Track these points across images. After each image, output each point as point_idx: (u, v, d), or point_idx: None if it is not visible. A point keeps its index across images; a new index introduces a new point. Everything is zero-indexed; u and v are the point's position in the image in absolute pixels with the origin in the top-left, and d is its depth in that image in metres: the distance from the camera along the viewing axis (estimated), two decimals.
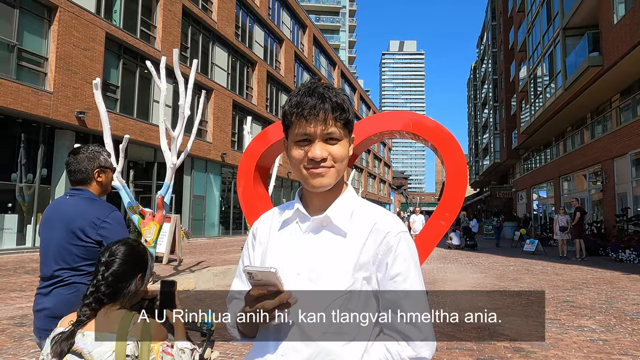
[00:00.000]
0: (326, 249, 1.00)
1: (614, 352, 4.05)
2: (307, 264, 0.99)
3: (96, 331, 1.39)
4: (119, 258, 1.50)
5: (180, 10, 19.18)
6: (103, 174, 2.02)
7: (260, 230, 1.13)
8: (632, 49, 13.26)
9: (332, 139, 0.99)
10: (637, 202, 14.09)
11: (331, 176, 1.00)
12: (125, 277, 1.49)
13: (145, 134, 16.63)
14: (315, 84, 1.02)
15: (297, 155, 1.00)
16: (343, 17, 75.52)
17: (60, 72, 13.19)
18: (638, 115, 13.93)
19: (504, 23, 35.57)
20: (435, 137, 5.55)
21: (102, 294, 1.44)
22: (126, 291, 1.48)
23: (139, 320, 1.40)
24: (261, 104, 26.38)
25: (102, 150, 2.07)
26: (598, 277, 9.30)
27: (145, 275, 1.57)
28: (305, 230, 1.04)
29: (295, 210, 1.07)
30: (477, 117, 56.54)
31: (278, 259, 1.03)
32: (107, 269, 1.47)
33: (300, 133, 0.99)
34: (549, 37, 21.03)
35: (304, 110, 0.97)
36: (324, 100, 0.98)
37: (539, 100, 23.25)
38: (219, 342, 4.33)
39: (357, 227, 1.02)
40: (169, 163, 8.30)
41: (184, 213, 19.13)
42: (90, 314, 1.42)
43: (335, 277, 0.96)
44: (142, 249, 1.60)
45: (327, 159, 0.98)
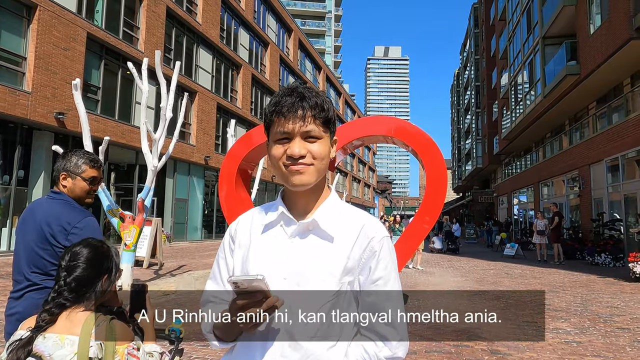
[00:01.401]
0: (314, 254, 1.00)
1: (587, 354, 4.15)
2: (293, 268, 0.99)
3: (57, 334, 1.34)
4: (82, 262, 1.44)
5: (164, 11, 19.01)
6: (69, 178, 1.90)
7: (240, 232, 1.10)
8: (607, 58, 13.67)
9: (311, 137, 0.99)
10: (612, 207, 14.49)
11: (311, 174, 0.99)
12: (90, 281, 1.44)
13: (126, 136, 16.39)
14: (296, 85, 1.03)
15: (277, 154, 1.00)
16: (329, 22, 75.93)
17: (39, 72, 12.92)
18: (613, 122, 14.36)
19: (486, 31, 36.28)
20: (416, 142, 5.60)
21: (65, 299, 1.39)
22: (90, 294, 1.43)
23: (103, 322, 1.36)
24: (246, 107, 26.29)
25: (83, 155, 1.95)
26: (574, 280, 9.53)
27: (112, 275, 1.52)
28: (291, 234, 1.02)
29: (280, 213, 1.05)
30: (460, 122, 57.40)
31: (263, 263, 1.01)
32: (70, 274, 1.42)
33: (279, 131, 0.99)
34: (529, 45, 21.54)
35: (282, 108, 0.98)
36: (302, 99, 0.98)
37: (519, 106, 23.75)
38: (199, 347, 4.29)
39: (344, 232, 1.02)
40: (150, 166, 8.20)
41: (166, 216, 18.88)
42: (49, 319, 1.36)
43: (323, 282, 0.97)
44: (106, 248, 1.54)
45: (306, 156, 0.98)
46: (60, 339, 1.32)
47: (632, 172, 13.45)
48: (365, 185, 60.98)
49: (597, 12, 14.82)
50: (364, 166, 60.67)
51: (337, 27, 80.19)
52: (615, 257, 12.23)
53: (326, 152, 1.02)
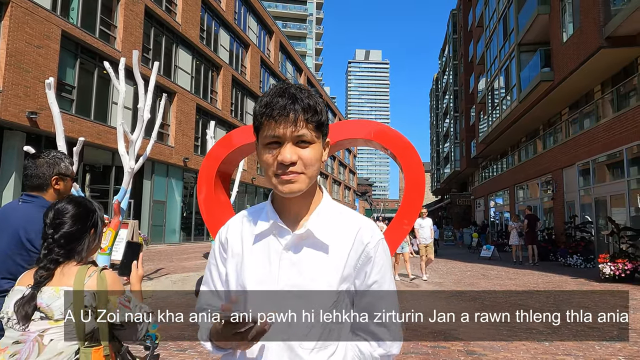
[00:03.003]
0: (310, 266, 0.98)
1: (559, 353, 4.28)
2: (290, 281, 0.97)
3: (53, 286, 1.41)
4: (68, 218, 1.50)
5: (143, 10, 18.71)
6: (62, 181, 1.94)
7: (232, 239, 1.06)
8: (579, 66, 14.14)
9: (303, 142, 0.95)
10: (584, 209, 14.96)
11: (302, 182, 0.96)
12: (78, 236, 1.50)
13: (102, 137, 16.03)
14: (287, 85, 0.98)
15: (267, 160, 0.96)
16: (310, 25, 76.11)
17: (10, 69, 12.52)
18: (585, 128, 14.84)
19: (464, 37, 37.01)
20: (395, 145, 5.67)
21: (57, 255, 1.45)
22: (80, 248, 1.50)
23: (95, 272, 1.45)
24: (226, 108, 26.07)
25: (64, 157, 1.99)
26: (548, 281, 9.79)
27: (97, 229, 1.58)
28: (286, 245, 0.99)
29: (272, 223, 1.01)
30: (438, 126, 58.30)
31: (258, 276, 0.98)
32: (57, 231, 1.47)
33: (269, 135, 0.94)
34: (505, 51, 22.08)
35: (273, 111, 0.93)
36: (294, 101, 0.93)
37: (496, 111, 24.30)
38: (176, 352, 4.23)
39: (340, 239, 1.00)
40: (127, 167, 8.05)
41: (143, 219, 18.52)
42: (47, 275, 1.43)
43: (321, 294, 0.96)
44: (89, 203, 1.60)
45: (297, 163, 0.94)
46: (56, 291, 1.41)
47: (602, 176, 13.93)
48: (346, 188, 61.24)
49: (570, 21, 15.32)
50: (345, 169, 60.94)
51: (319, 29, 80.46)
52: (587, 259, 12.62)
53: (318, 157, 0.98)
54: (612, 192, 12.99)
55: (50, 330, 1.38)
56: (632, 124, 11.50)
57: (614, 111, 13.07)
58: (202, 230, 23.30)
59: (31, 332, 1.38)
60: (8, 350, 1.37)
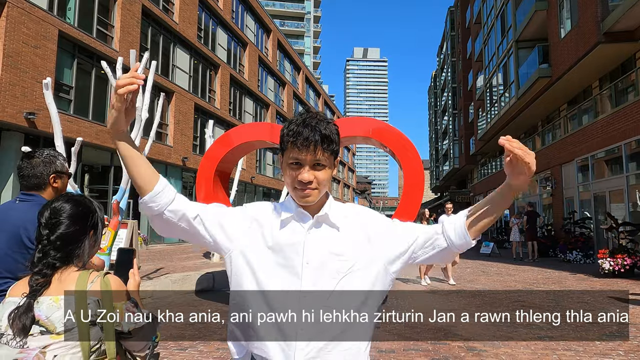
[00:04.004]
0: (329, 239, 1.21)
1: (559, 348, 4.29)
2: (315, 254, 1.18)
3: (51, 296, 1.29)
4: (65, 218, 1.36)
5: (140, 10, 18.65)
6: (59, 179, 1.95)
7: (262, 215, 1.27)
8: (577, 62, 14.14)
9: (319, 165, 1.19)
10: (583, 205, 14.98)
11: (315, 196, 1.20)
12: (75, 239, 1.37)
13: (101, 137, 16.01)
14: (310, 115, 1.21)
15: (290, 176, 1.21)
16: (308, 23, 75.98)
17: (7, 70, 12.48)
18: (583, 124, 14.85)
19: (462, 34, 36.99)
20: (394, 143, 5.66)
21: (53, 259, 1.32)
22: (79, 252, 1.37)
23: (97, 277, 1.32)
24: (224, 107, 26.03)
25: (58, 155, 2.00)
26: (547, 277, 9.80)
27: (97, 231, 1.45)
28: (309, 227, 1.22)
29: (296, 211, 1.24)
30: (437, 123, 58.31)
31: (289, 253, 1.19)
32: (53, 232, 1.34)
33: (293, 157, 1.19)
34: (503, 48, 22.07)
35: (297, 141, 1.16)
36: (315, 133, 1.16)
37: (494, 108, 24.31)
38: (176, 351, 4.23)
39: (348, 223, 1.25)
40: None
41: (142, 218, 18.49)
42: (43, 282, 1.30)
43: (344, 261, 1.19)
44: (89, 202, 1.47)
45: (313, 182, 1.18)
46: (55, 300, 1.28)
47: (601, 172, 13.95)
48: (345, 186, 61.24)
49: (568, 17, 15.31)
50: (344, 167, 60.92)
51: (316, 28, 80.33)
52: (586, 254, 12.64)
53: (329, 177, 1.23)
54: (611, 188, 13.01)
55: (52, 346, 1.25)
56: (631, 120, 11.50)
57: (613, 107, 13.07)
58: None
59: (31, 349, 1.24)
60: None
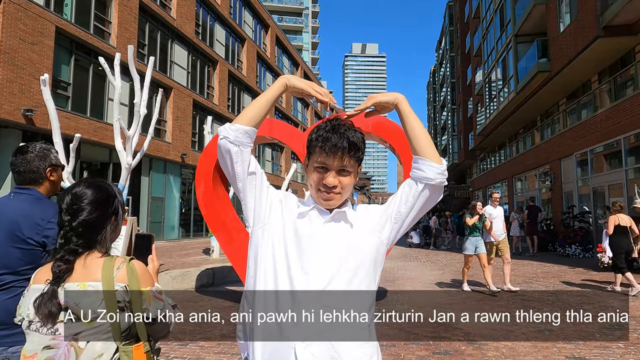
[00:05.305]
0: (343, 232, 1.27)
1: (559, 341, 4.30)
2: (328, 244, 1.24)
3: (77, 282, 1.26)
4: (87, 204, 1.33)
5: (137, 5, 18.55)
6: (55, 172, 1.96)
7: (289, 204, 1.33)
8: (576, 56, 14.10)
9: (344, 171, 1.26)
10: (582, 200, 15.00)
11: (337, 200, 1.27)
12: (98, 223, 1.35)
13: (99, 134, 15.96)
14: (339, 123, 1.26)
15: (315, 179, 1.27)
16: (306, 19, 75.67)
17: (4, 66, 12.42)
18: (582, 118, 14.84)
19: (461, 29, 36.87)
20: (393, 137, 5.63)
21: (75, 245, 1.30)
22: (101, 237, 1.36)
23: (123, 263, 1.30)
24: (222, 103, 25.97)
25: (51, 148, 2.01)
26: (547, 271, 9.83)
27: (118, 216, 1.43)
28: (326, 220, 1.28)
29: (315, 205, 1.30)
30: (436, 119, 58.27)
31: (306, 241, 1.24)
32: (74, 218, 1.31)
33: (320, 161, 1.25)
34: (502, 43, 22.01)
35: (325, 146, 1.22)
36: (343, 140, 1.22)
37: (493, 103, 24.27)
38: (177, 346, 4.23)
39: (360, 219, 1.32)
40: (124, 163, 8.01)
41: (141, 215, 18.50)
42: (67, 268, 1.27)
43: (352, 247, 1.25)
44: (110, 187, 1.44)
45: (337, 186, 1.25)
46: (82, 286, 1.25)
47: (600, 166, 13.95)
48: None
49: (567, 11, 15.26)
50: None
51: (315, 23, 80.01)
52: (585, 248, 12.68)
53: (352, 183, 1.29)
54: (610, 182, 13.02)
55: (84, 332, 1.24)
56: (630, 114, 11.50)
57: (612, 101, 13.06)
58: (201, 227, 23.28)
59: (63, 335, 1.24)
60: (39, 357, 1.23)
